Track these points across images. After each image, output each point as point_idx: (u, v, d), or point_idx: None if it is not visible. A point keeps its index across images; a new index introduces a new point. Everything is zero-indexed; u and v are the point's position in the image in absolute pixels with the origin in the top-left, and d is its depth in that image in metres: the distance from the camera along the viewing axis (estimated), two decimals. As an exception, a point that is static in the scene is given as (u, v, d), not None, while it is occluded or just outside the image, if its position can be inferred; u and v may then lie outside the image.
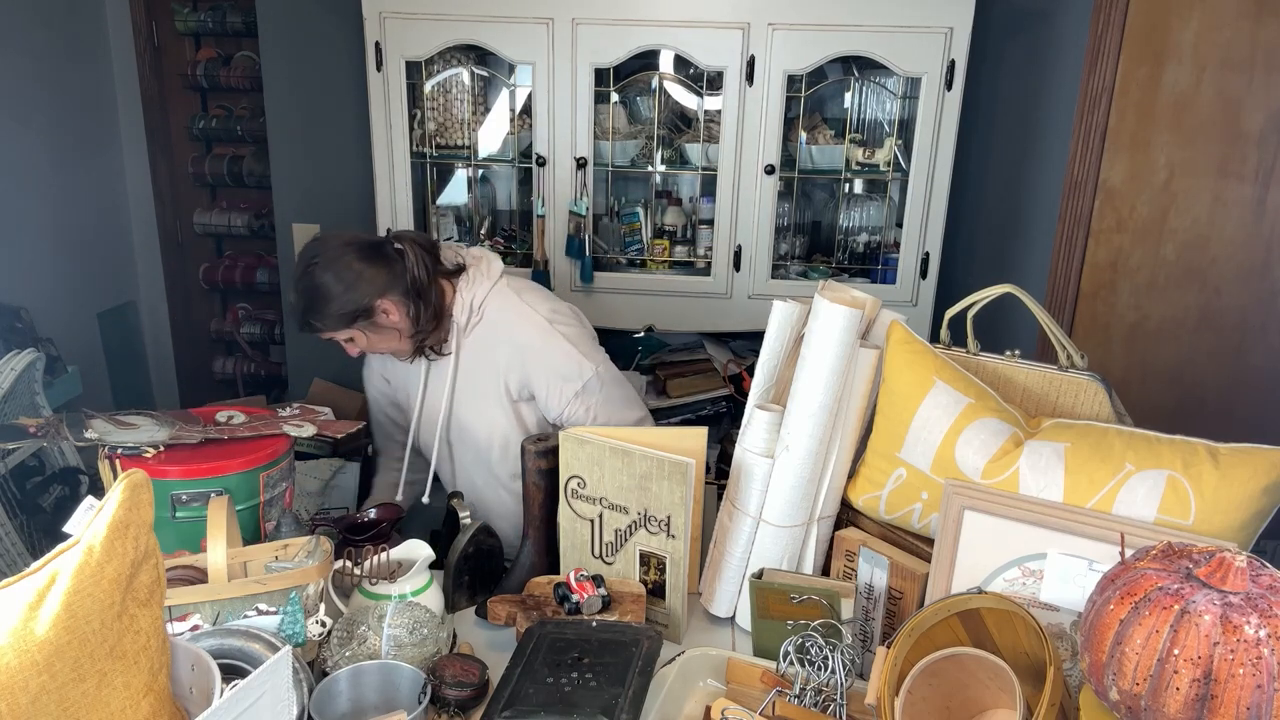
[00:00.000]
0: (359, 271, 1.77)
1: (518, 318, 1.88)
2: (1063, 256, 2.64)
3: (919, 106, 2.54)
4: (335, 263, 1.76)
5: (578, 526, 1.57)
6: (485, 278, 1.90)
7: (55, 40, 2.98)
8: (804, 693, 1.24)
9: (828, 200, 2.93)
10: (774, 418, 1.49)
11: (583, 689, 1.21)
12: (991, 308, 1.53)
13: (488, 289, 1.89)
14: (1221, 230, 2.50)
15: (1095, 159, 2.54)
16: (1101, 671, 1.00)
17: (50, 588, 0.88)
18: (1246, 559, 0.99)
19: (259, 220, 3.53)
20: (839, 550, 1.49)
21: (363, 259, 1.78)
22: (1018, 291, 1.50)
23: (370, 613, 1.33)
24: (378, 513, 1.82)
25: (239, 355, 3.71)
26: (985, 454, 1.36)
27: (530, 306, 1.90)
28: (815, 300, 1.46)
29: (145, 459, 1.46)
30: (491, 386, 1.91)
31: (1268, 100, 2.39)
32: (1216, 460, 1.25)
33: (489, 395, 1.92)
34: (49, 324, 2.89)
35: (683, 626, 1.52)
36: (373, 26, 2.54)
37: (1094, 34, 2.47)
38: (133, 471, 0.97)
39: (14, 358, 1.70)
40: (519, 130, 2.74)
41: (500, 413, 1.92)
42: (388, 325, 1.82)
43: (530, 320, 1.88)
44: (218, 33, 3.37)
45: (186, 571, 1.36)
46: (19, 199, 2.84)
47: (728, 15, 2.48)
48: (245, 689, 0.94)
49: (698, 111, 2.75)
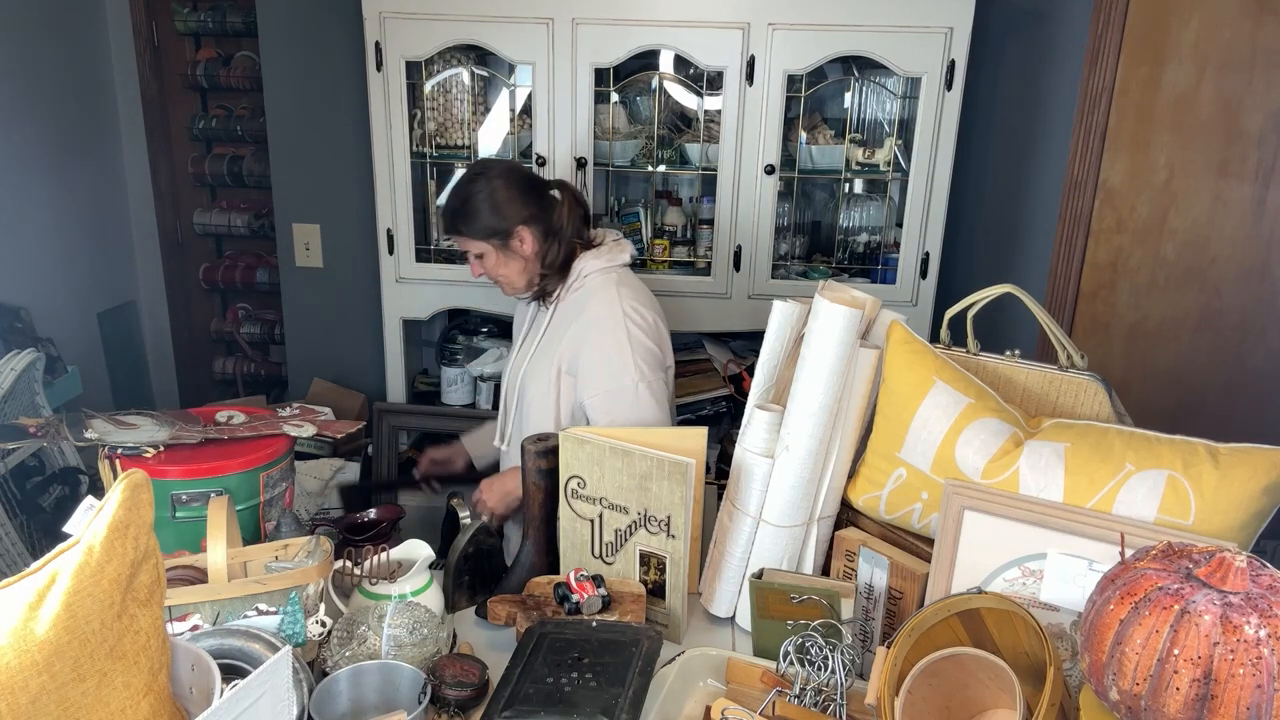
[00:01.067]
0: (513, 195, 1.91)
1: (602, 300, 1.92)
2: (1063, 256, 2.64)
3: (919, 106, 2.54)
4: (496, 180, 1.91)
5: (578, 526, 1.57)
6: (607, 258, 1.97)
7: (55, 40, 2.98)
8: (804, 693, 1.24)
9: (828, 200, 2.93)
10: (774, 418, 1.49)
11: (583, 689, 1.21)
12: (991, 308, 1.53)
13: (600, 266, 1.96)
14: (1221, 230, 2.50)
15: (1095, 159, 2.54)
16: (1101, 671, 1.00)
17: (50, 588, 0.88)
18: (1246, 559, 0.99)
19: (259, 220, 3.53)
20: (839, 550, 1.49)
21: (521, 187, 1.93)
22: (1018, 291, 1.50)
23: (370, 613, 1.33)
24: (378, 513, 1.82)
25: (239, 355, 3.71)
26: (985, 454, 1.36)
27: (617, 296, 1.93)
28: (815, 300, 1.46)
29: (145, 459, 1.46)
30: (553, 350, 1.95)
31: (1268, 100, 2.39)
32: (1216, 460, 1.25)
33: (548, 357, 1.95)
34: (49, 324, 2.89)
35: (683, 626, 1.52)
36: (373, 26, 2.54)
37: (1094, 34, 2.47)
38: (133, 471, 0.97)
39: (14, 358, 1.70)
40: (519, 130, 2.74)
41: (547, 378, 1.95)
42: (518, 253, 1.94)
43: (608, 305, 1.91)
44: (218, 33, 3.37)
45: (186, 571, 1.36)
46: (19, 199, 2.84)
47: (728, 15, 2.48)
48: (245, 689, 0.94)
49: (698, 111, 2.75)
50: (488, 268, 1.97)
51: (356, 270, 3.04)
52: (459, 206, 1.93)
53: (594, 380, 1.88)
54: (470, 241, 1.94)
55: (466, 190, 1.92)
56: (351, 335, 3.12)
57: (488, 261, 1.96)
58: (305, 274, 3.11)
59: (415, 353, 3.05)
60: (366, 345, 3.06)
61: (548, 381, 1.94)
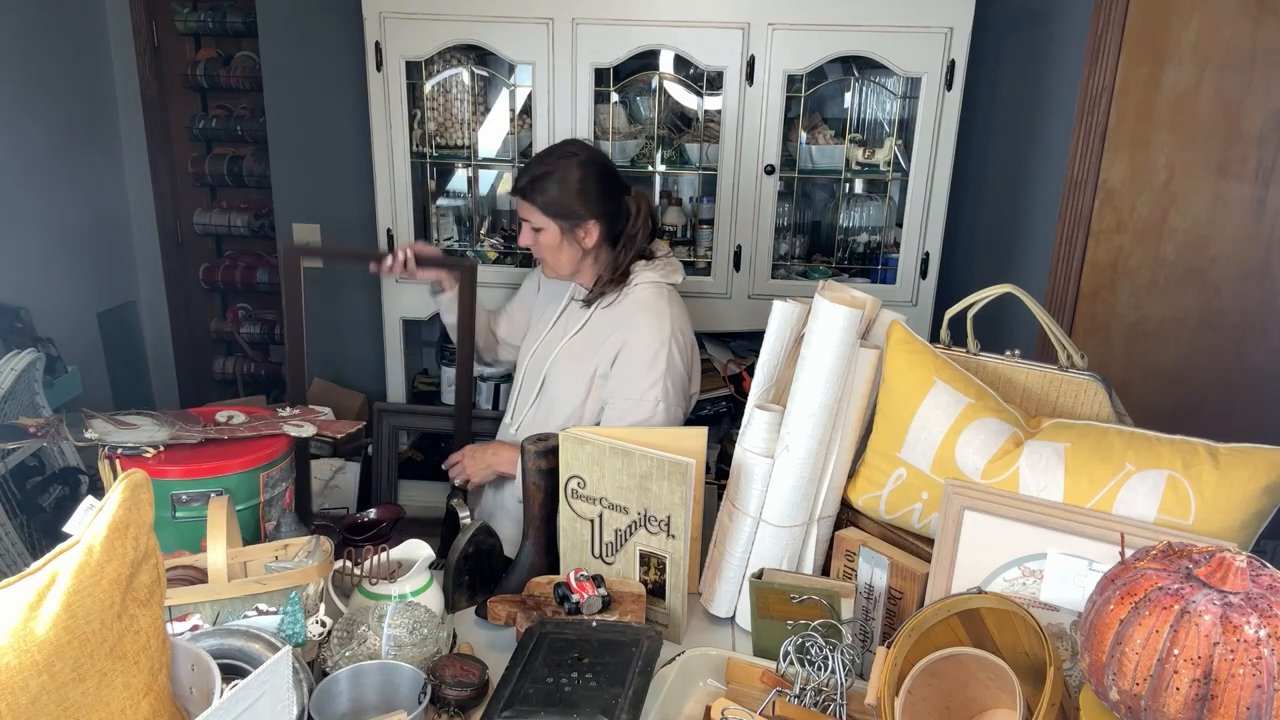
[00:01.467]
0: (598, 186, 1.89)
1: (653, 314, 1.91)
2: (1063, 256, 2.64)
3: (919, 106, 2.54)
4: (589, 165, 1.89)
5: (578, 526, 1.57)
6: (661, 273, 1.96)
7: (55, 40, 2.98)
8: (804, 693, 1.24)
9: (828, 200, 2.93)
10: (774, 418, 1.49)
11: (583, 689, 1.21)
12: (991, 308, 1.53)
13: (651, 279, 1.94)
14: (1221, 230, 2.50)
15: (1095, 159, 2.54)
16: (1101, 671, 1.00)
17: (50, 588, 0.88)
18: (1246, 559, 0.99)
19: (259, 220, 3.53)
20: (839, 550, 1.49)
21: (607, 182, 1.91)
22: (1018, 291, 1.50)
23: (370, 613, 1.33)
24: (378, 513, 1.82)
25: (239, 355, 3.71)
26: (985, 454, 1.36)
27: (669, 314, 1.92)
28: (815, 300, 1.46)
29: (145, 459, 1.46)
30: (593, 353, 1.94)
31: (1268, 100, 2.38)
32: (1216, 460, 1.25)
33: (586, 359, 1.95)
34: (49, 324, 2.89)
35: (683, 626, 1.52)
36: (373, 26, 2.54)
37: (1094, 34, 2.47)
38: (133, 471, 0.97)
39: (14, 358, 1.70)
40: (519, 130, 2.74)
41: (581, 377, 1.95)
42: (578, 242, 1.92)
43: (658, 321, 1.91)
44: (218, 33, 3.37)
45: (186, 571, 1.36)
46: (19, 199, 2.84)
47: (728, 15, 2.48)
48: (245, 689, 0.94)
49: (698, 111, 2.75)
50: (542, 243, 1.92)
51: (356, 270, 3.04)
52: (542, 175, 1.88)
53: (620, 385, 1.90)
54: (537, 213, 1.90)
55: (556, 164, 1.88)
56: (351, 335, 3.12)
57: (545, 237, 1.91)
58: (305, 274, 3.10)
59: (415, 353, 3.05)
60: (366, 345, 3.06)
61: (582, 380, 1.95)
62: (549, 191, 1.88)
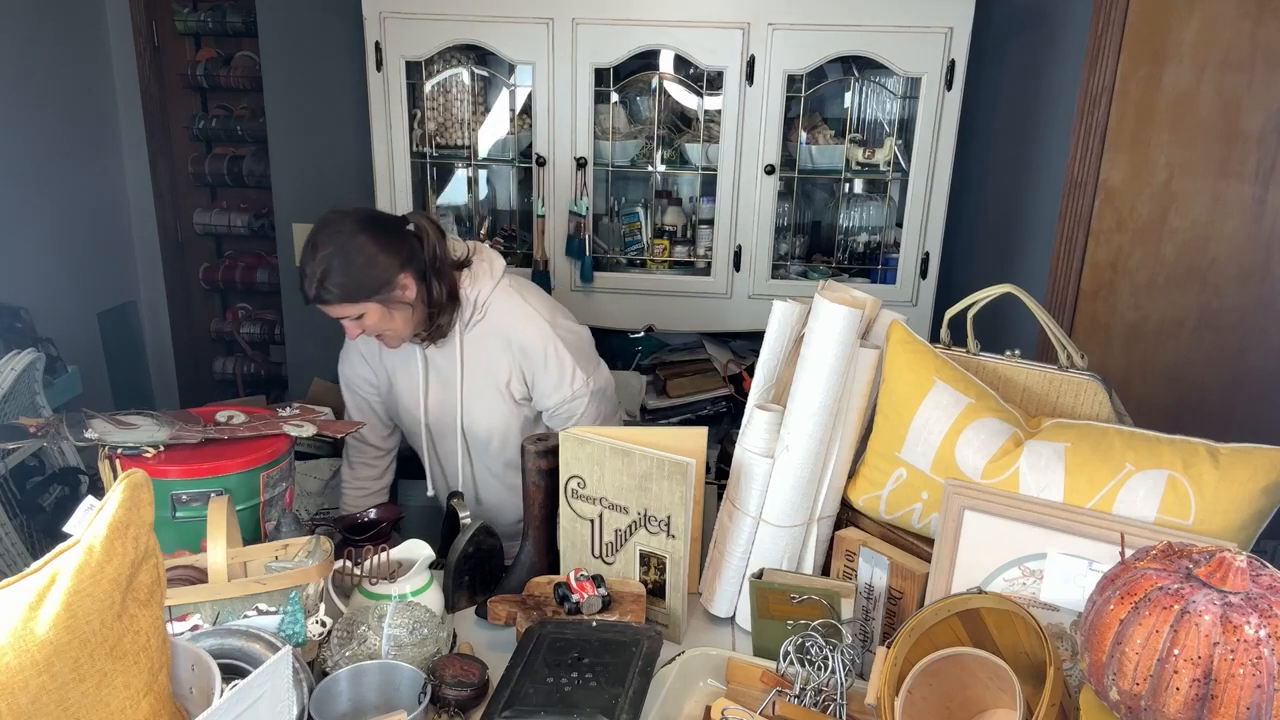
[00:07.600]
0: (380, 246, 1.73)
1: (523, 319, 1.90)
2: (1063, 256, 2.64)
3: (919, 106, 2.54)
4: (358, 235, 1.72)
5: (578, 526, 1.57)
6: (489, 275, 1.90)
7: (55, 40, 2.97)
8: (804, 693, 1.24)
9: (828, 200, 2.93)
10: (774, 418, 1.49)
11: (583, 689, 1.21)
12: (991, 308, 1.53)
13: (491, 286, 1.89)
14: (1221, 230, 2.50)
15: (1095, 159, 2.54)
16: (1101, 671, 1.00)
17: (50, 588, 0.88)
18: (1246, 559, 0.99)
19: (259, 220, 3.53)
20: (839, 550, 1.49)
21: (381, 233, 1.75)
22: (1018, 291, 1.50)
23: (370, 613, 1.33)
24: (378, 513, 1.82)
25: (239, 355, 3.71)
26: (985, 454, 1.36)
27: (535, 309, 1.91)
28: (815, 300, 1.46)
29: (145, 459, 1.46)
30: (493, 383, 1.93)
31: (1268, 100, 2.38)
32: (1216, 460, 1.25)
33: (491, 391, 1.93)
34: (49, 324, 2.89)
35: (683, 626, 1.52)
36: (373, 26, 2.54)
37: (1094, 34, 2.47)
38: (133, 471, 0.97)
39: (14, 358, 1.70)
40: (519, 130, 2.74)
41: (502, 407, 1.95)
42: (403, 301, 1.78)
43: (534, 323, 1.90)
44: (218, 33, 3.37)
45: (186, 571, 1.36)
46: (19, 199, 2.84)
47: (728, 15, 2.48)
48: (245, 689, 0.94)
49: (698, 111, 2.75)
50: (370, 326, 1.79)
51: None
52: (324, 272, 1.70)
53: (550, 394, 1.93)
54: (347, 306, 1.74)
55: (329, 251, 1.70)
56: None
57: (370, 319, 1.77)
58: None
59: (415, 353, 3.04)
60: (366, 345, 3.05)
61: (501, 408, 1.95)
62: (340, 281, 1.71)
